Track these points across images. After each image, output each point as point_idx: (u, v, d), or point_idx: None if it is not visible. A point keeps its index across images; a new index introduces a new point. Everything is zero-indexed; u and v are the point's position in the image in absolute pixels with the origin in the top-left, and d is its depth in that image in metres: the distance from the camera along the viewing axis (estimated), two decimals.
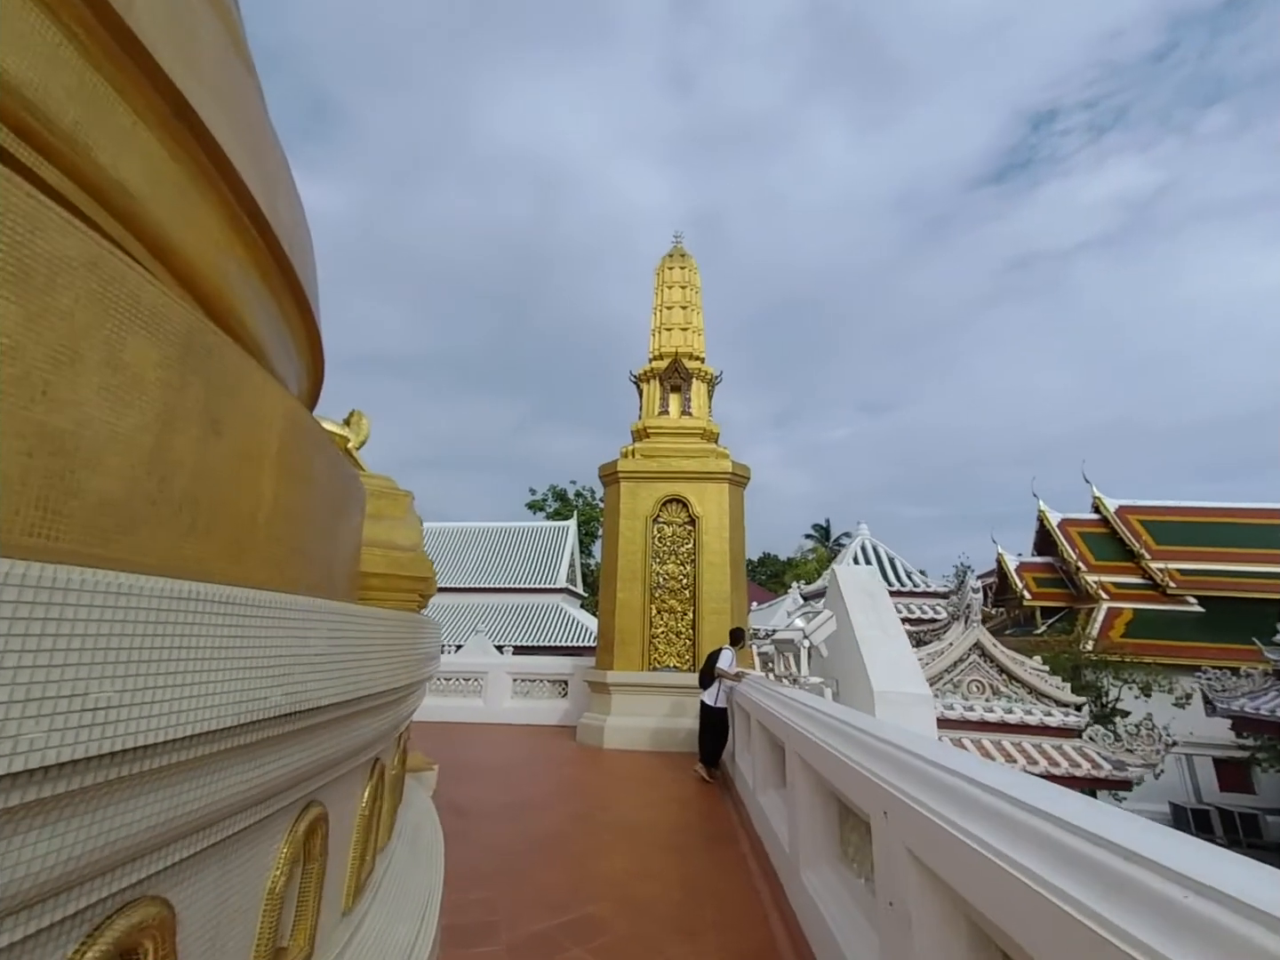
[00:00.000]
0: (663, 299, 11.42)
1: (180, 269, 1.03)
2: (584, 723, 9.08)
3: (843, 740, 2.78)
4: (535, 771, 6.93)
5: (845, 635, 4.98)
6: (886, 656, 4.48)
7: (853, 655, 4.85)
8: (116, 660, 0.58)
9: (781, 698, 4.25)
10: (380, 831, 3.68)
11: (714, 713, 7.21)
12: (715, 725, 7.12)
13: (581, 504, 41.98)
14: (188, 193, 1.04)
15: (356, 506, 4.04)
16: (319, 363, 3.53)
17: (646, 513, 9.66)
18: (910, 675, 4.38)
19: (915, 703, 4.19)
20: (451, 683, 11.08)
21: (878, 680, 4.34)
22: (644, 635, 9.14)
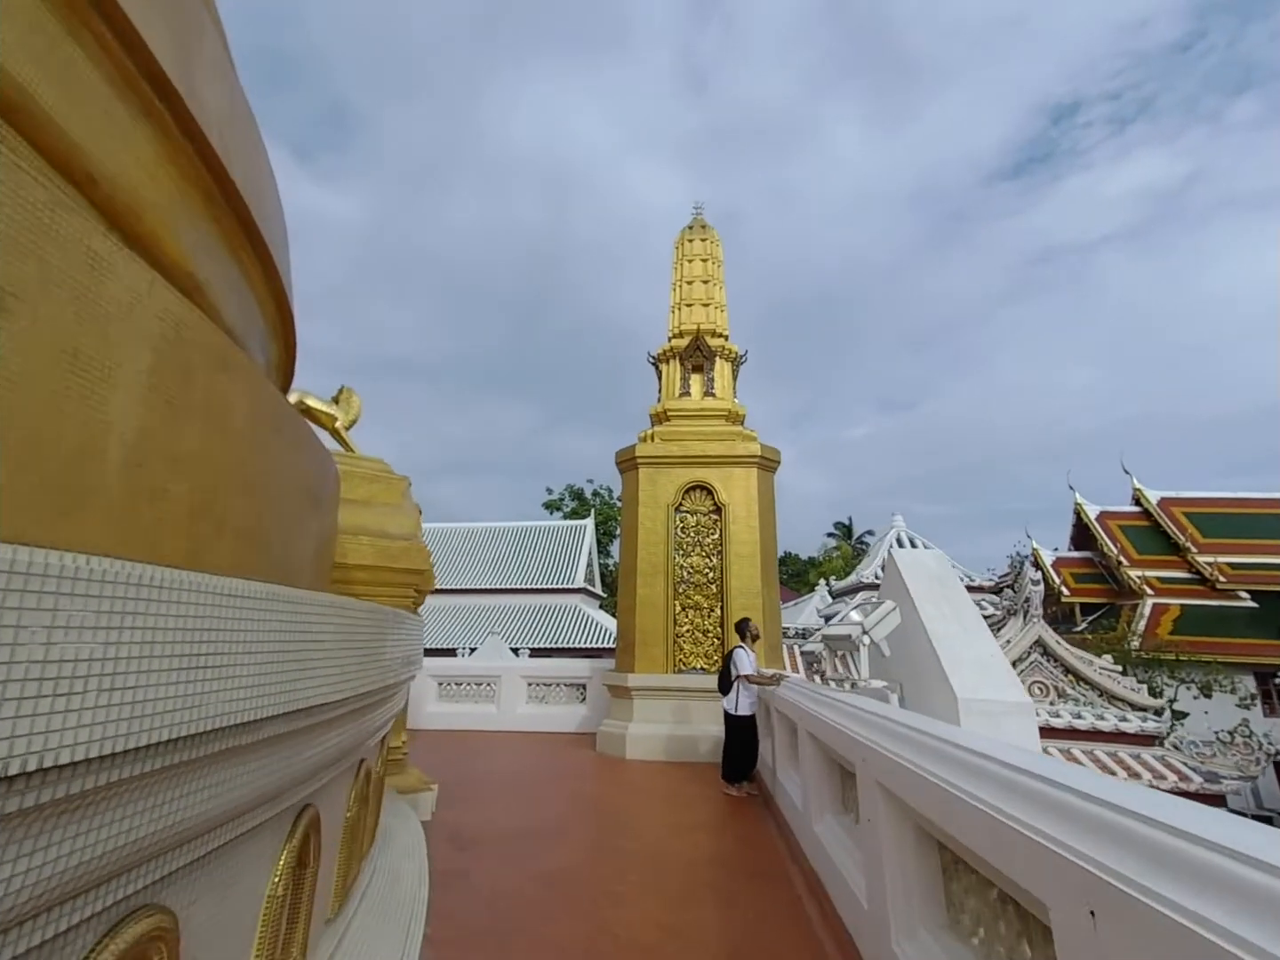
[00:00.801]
0: (682, 273, 10.65)
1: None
2: (603, 730, 8.33)
3: (957, 771, 1.99)
4: (549, 788, 6.19)
5: (911, 631, 4.16)
6: (970, 656, 3.66)
7: (922, 655, 4.03)
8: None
9: (844, 706, 3.46)
10: (365, 837, 2.93)
11: (738, 722, 6.43)
12: (741, 736, 6.35)
13: (599, 503, 41.34)
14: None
15: (326, 488, 3.25)
16: (290, 335, 2.78)
17: (668, 501, 8.89)
18: (1002, 679, 3.56)
19: (1012, 712, 3.36)
20: (463, 688, 10.41)
21: (962, 685, 3.53)
22: (668, 634, 8.37)
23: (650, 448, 9.13)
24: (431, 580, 5.85)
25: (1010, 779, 1.69)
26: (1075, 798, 1.41)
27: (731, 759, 6.38)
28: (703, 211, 11.16)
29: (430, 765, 7.01)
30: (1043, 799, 1.51)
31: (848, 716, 3.24)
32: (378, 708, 2.63)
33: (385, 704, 2.83)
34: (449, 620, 24.87)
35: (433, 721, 9.97)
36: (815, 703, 4.04)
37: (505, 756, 7.83)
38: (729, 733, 6.45)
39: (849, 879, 3.04)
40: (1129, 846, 1.21)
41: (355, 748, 2.27)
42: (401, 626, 3.47)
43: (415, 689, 10.20)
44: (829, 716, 3.46)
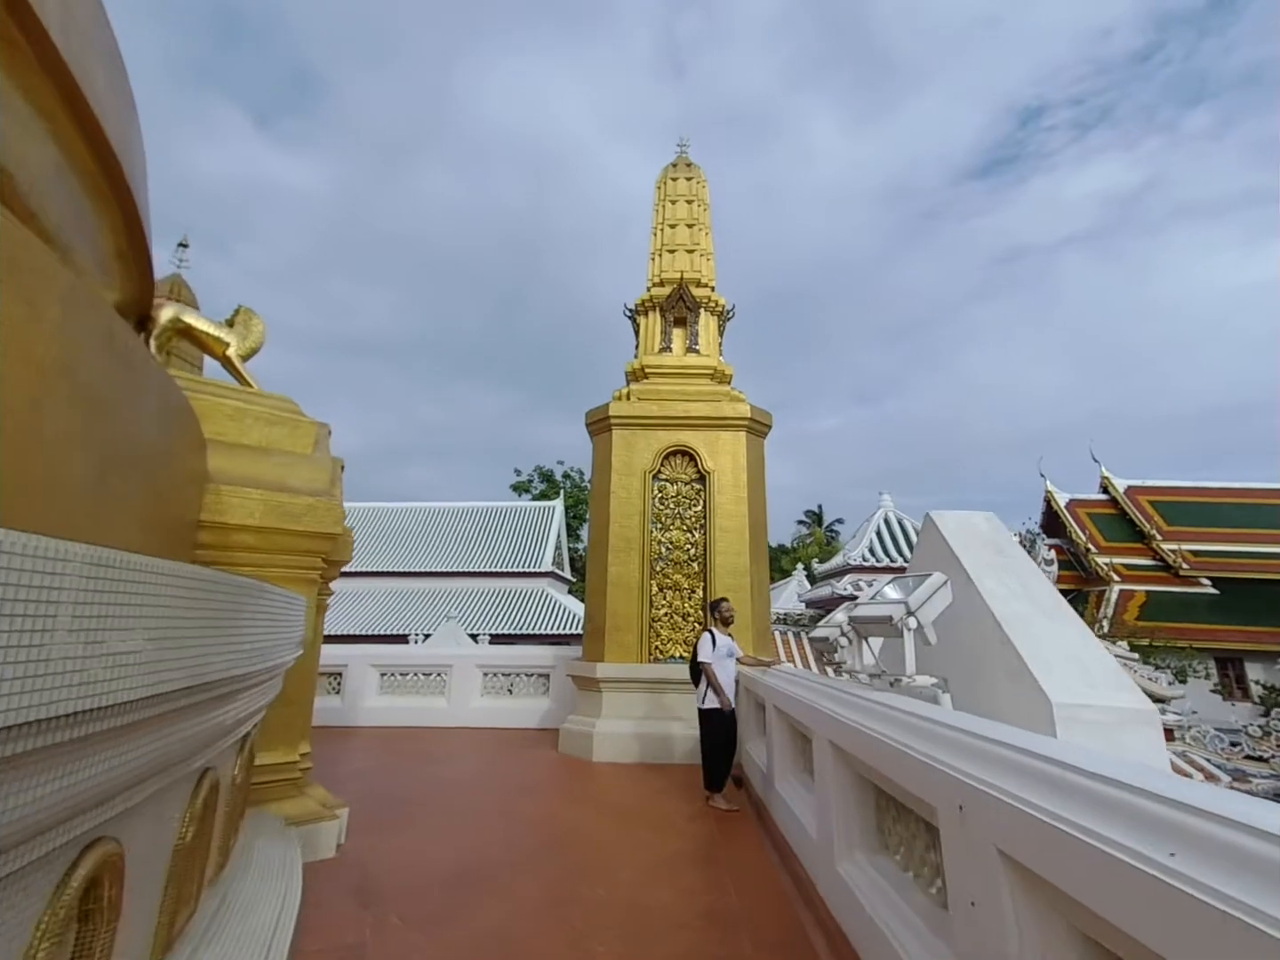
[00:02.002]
0: (665, 216, 9.47)
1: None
2: (568, 728, 7.26)
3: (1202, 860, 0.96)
4: (499, 804, 5.09)
5: (965, 613, 3.19)
6: (1057, 646, 2.71)
7: (983, 643, 3.07)
8: None
9: (897, 715, 2.45)
10: (211, 862, 2.22)
11: (702, 717, 5.46)
12: (708, 734, 5.40)
13: (569, 485, 40.05)
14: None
15: (167, 426, 2.59)
16: (142, 257, 2.57)
17: (645, 467, 7.79)
18: (1107, 676, 2.60)
19: (1129, 723, 2.42)
20: (409, 679, 9.20)
21: (1056, 685, 2.56)
22: (642, 618, 7.32)
23: (625, 407, 8.00)
24: (348, 550, 4.65)
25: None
26: None
27: (715, 765, 5.41)
28: (688, 149, 9.98)
29: (355, 775, 5.83)
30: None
31: (913, 733, 2.22)
32: (217, 707, 1.92)
33: (234, 701, 2.14)
34: (404, 604, 23.43)
35: (374, 717, 8.75)
36: (845, 706, 3.03)
37: (452, 761, 6.70)
38: (704, 733, 5.50)
39: (905, 953, 2.05)
40: None
41: (181, 759, 1.72)
42: (261, 602, 2.36)
43: (354, 681, 8.96)
44: (879, 731, 2.44)
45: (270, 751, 3.71)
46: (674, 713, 6.88)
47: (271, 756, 3.72)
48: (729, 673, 5.60)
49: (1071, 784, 1.37)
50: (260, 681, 2.63)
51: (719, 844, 4.26)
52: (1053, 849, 1.31)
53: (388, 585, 24.64)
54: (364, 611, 22.86)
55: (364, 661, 9.02)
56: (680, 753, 6.65)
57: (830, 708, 3.17)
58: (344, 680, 8.93)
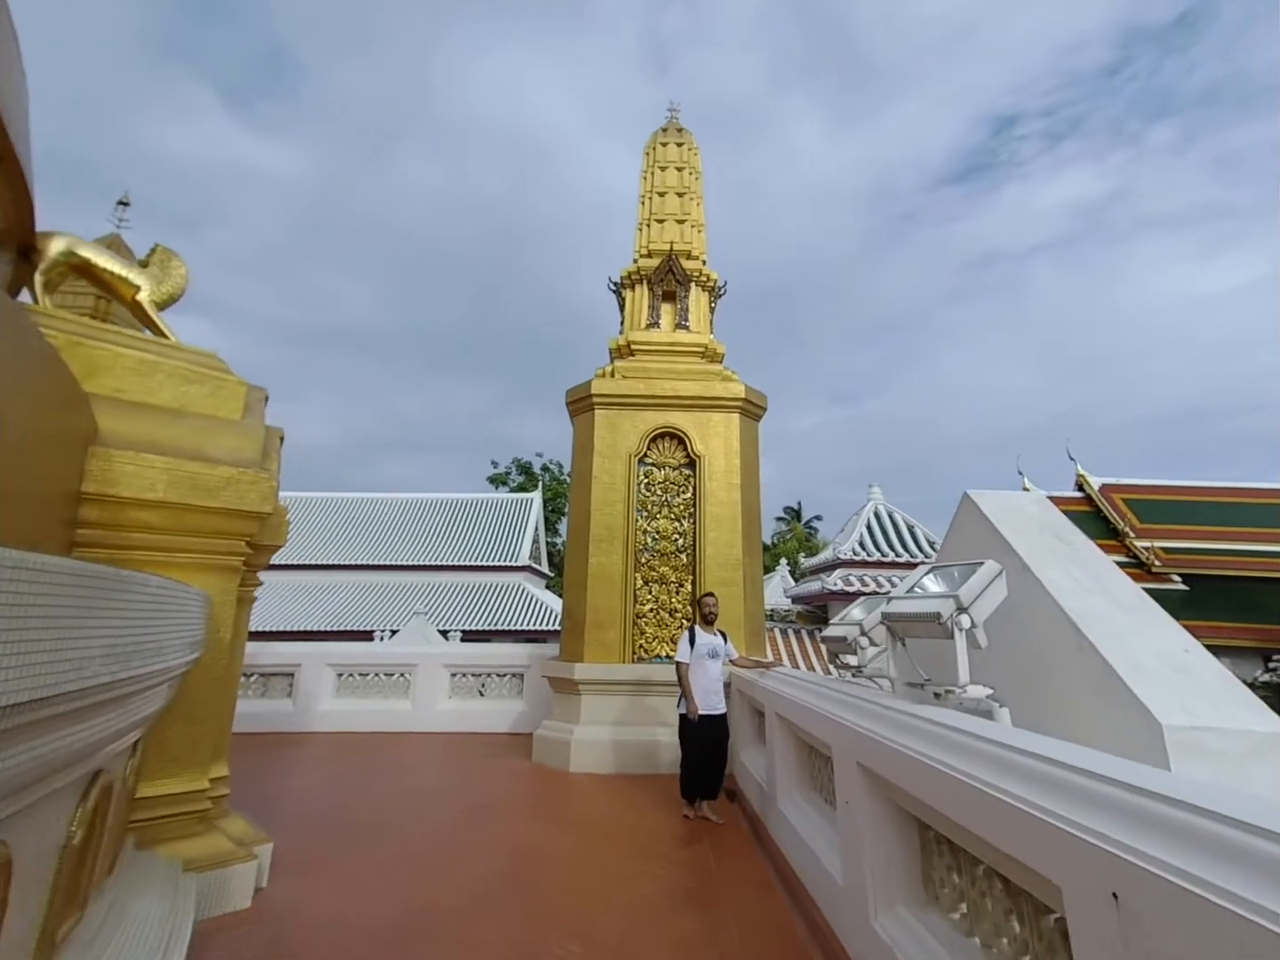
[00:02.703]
0: (653, 183, 8.81)
1: None
2: (543, 734, 6.60)
3: None
4: (461, 827, 4.41)
5: (1022, 610, 2.64)
6: (1156, 653, 2.17)
7: (1044, 647, 2.52)
8: None
9: (961, 738, 1.88)
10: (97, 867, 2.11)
11: (684, 726, 4.97)
12: (697, 746, 4.88)
13: (548, 478, 39.20)
14: None
15: (28, 372, 2.30)
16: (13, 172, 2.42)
17: (630, 450, 7.16)
18: (1228, 691, 2.08)
19: (1266, 751, 1.89)
20: (370, 679, 8.44)
21: (1162, 704, 2.01)
22: (625, 614, 6.70)
23: (609, 385, 7.35)
24: (281, 533, 3.92)
25: None
26: None
27: (698, 773, 4.88)
28: (678, 114, 9.33)
29: (297, 793, 5.10)
30: None
31: (1005, 771, 1.64)
32: (52, 729, 1.41)
33: (83, 721, 1.62)
34: (372, 599, 22.43)
35: (330, 722, 7.98)
36: (884, 724, 2.44)
37: (412, 772, 5.99)
38: (686, 740, 5.01)
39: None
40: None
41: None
42: (130, 596, 1.84)
43: (308, 682, 8.17)
44: (951, 766, 1.85)
45: (168, 779, 3.00)
46: (659, 717, 6.28)
47: (170, 785, 3.01)
48: (711, 675, 5.04)
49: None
50: (126, 694, 1.95)
51: (717, 876, 3.67)
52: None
53: (355, 579, 23.59)
54: (328, 607, 21.81)
55: (319, 661, 8.23)
56: (666, 761, 6.04)
57: (865, 725, 2.58)
58: (296, 682, 8.14)
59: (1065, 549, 2.73)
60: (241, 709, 8.25)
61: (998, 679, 2.68)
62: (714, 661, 5.11)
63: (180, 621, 2.38)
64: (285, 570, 23.40)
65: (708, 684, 5.03)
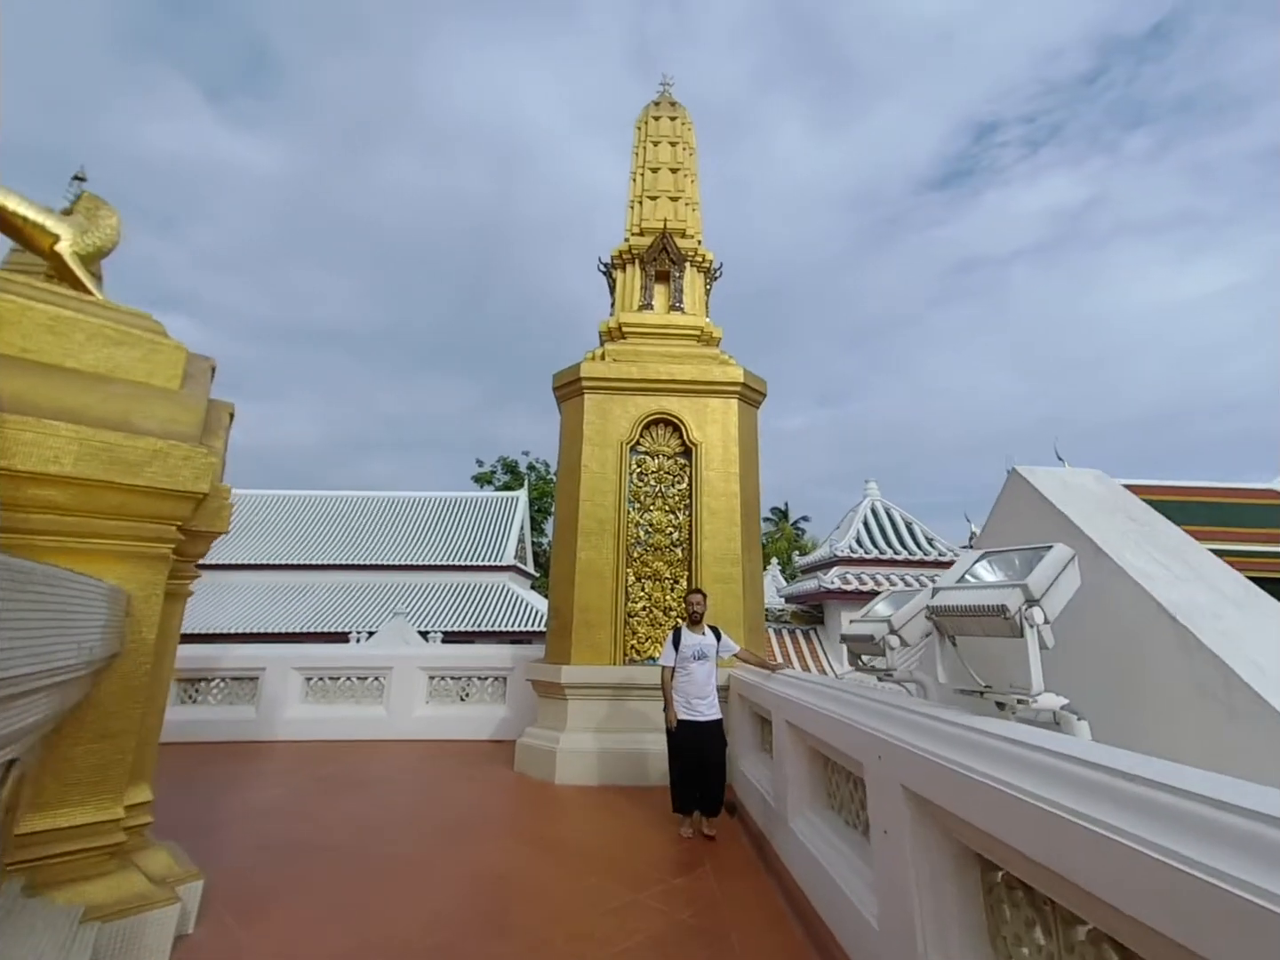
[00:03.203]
0: (646, 159, 8.36)
1: None
2: (526, 743, 6.11)
3: None
4: (429, 853, 3.91)
5: (1095, 602, 2.22)
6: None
7: (1129, 646, 2.11)
8: None
9: (1083, 770, 1.45)
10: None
11: (670, 736, 4.56)
12: (686, 755, 4.46)
13: (534, 477, 38.59)
14: None
15: None
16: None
17: (621, 437, 6.70)
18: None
19: None
20: (341, 684, 7.88)
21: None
22: (616, 613, 6.23)
23: (600, 368, 6.88)
24: (222, 518, 3.39)
25: None
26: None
27: (697, 783, 4.46)
28: (671, 87, 8.89)
29: (248, 814, 4.55)
30: None
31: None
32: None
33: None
34: (351, 600, 21.72)
35: (295, 730, 7.41)
36: (948, 745, 2.01)
37: (381, 786, 5.48)
38: (678, 746, 4.59)
39: None
40: None
41: None
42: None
43: (272, 687, 7.59)
44: (1045, 798, 1.42)
45: (70, 809, 2.48)
46: (652, 724, 5.81)
47: (73, 815, 2.49)
48: (697, 679, 4.60)
49: None
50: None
51: (722, 907, 3.21)
52: None
53: (334, 579, 22.85)
54: (305, 608, 21.06)
55: (285, 664, 7.66)
56: (658, 772, 5.58)
57: (913, 742, 2.15)
58: (260, 686, 7.56)
59: (1143, 531, 2.34)
60: (199, 717, 7.71)
61: (1068, 685, 2.27)
62: (700, 664, 4.67)
63: (75, 618, 1.88)
64: (260, 570, 22.61)
65: (691, 689, 4.60)
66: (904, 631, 2.99)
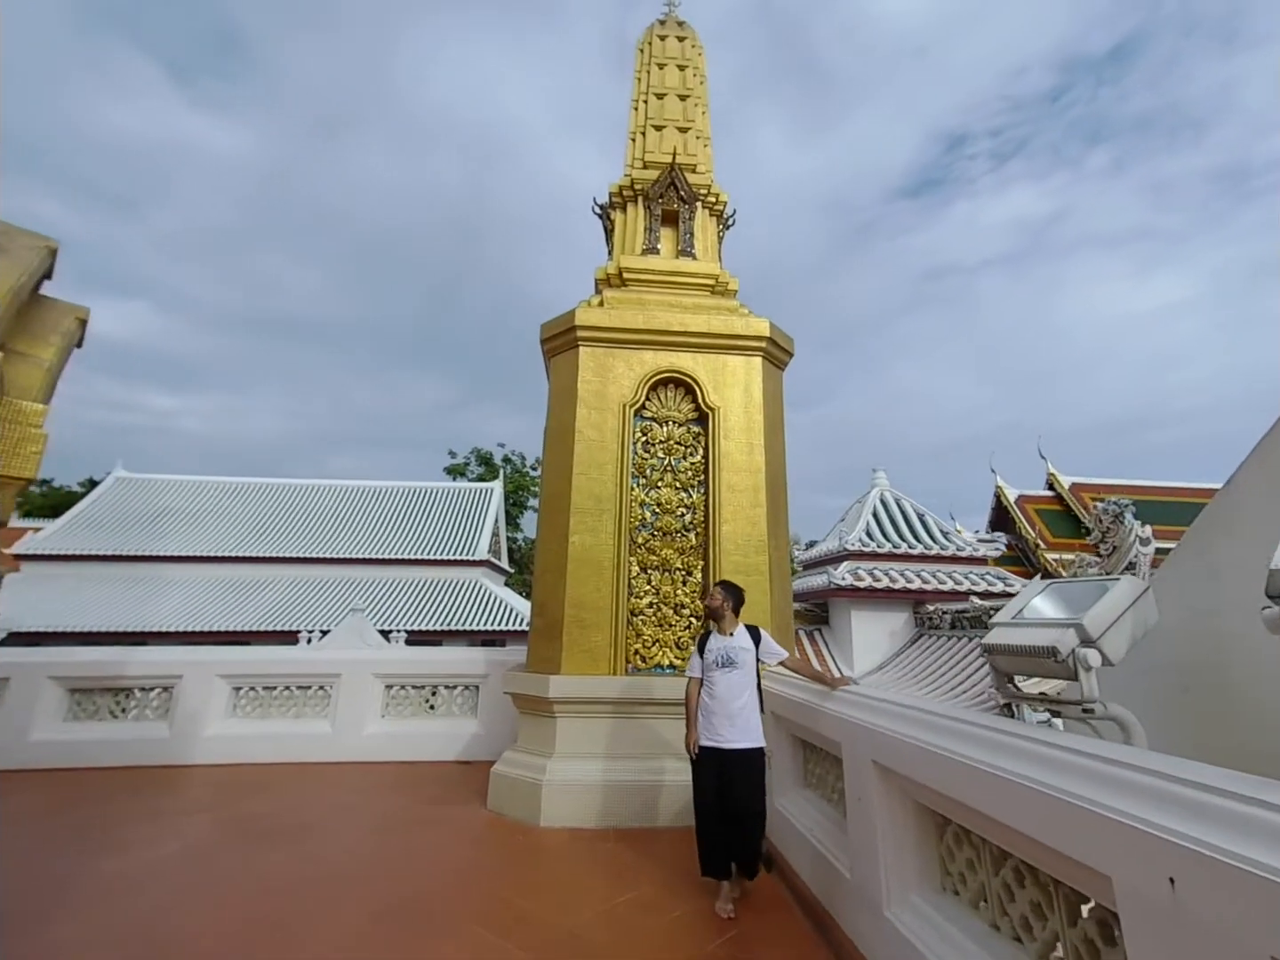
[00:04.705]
0: (650, 83, 7.20)
1: None
2: (504, 772, 4.91)
3: None
4: (356, 956, 2.70)
5: None
6: None
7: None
8: None
9: None
10: None
11: (694, 767, 3.54)
12: (721, 792, 3.40)
13: (510, 470, 37.12)
14: None
15: None
16: None
17: (624, 398, 5.54)
18: None
19: None
20: (278, 694, 6.56)
21: None
22: (617, 611, 5.07)
23: (598, 315, 5.71)
24: (27, 461, 2.15)
25: None
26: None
27: (721, 832, 3.37)
28: (679, 6, 7.75)
29: (100, 888, 3.24)
30: None
31: None
32: None
33: None
34: (311, 596, 20.07)
35: (217, 751, 6.08)
36: None
37: (309, 837, 4.22)
38: (707, 783, 3.50)
39: None
40: None
41: None
42: None
43: (191, 699, 6.23)
44: None
45: None
46: (667, 747, 4.68)
47: None
48: (722, 692, 3.55)
49: None
50: None
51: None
52: None
53: (292, 574, 21.15)
54: (257, 604, 19.35)
55: (208, 671, 6.31)
56: (675, 810, 4.47)
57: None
58: (176, 698, 6.20)
59: None
60: (95, 736, 6.12)
61: None
62: (726, 674, 3.60)
63: None
64: (207, 563, 20.80)
65: (714, 706, 3.55)
66: (1106, 642, 1.91)
